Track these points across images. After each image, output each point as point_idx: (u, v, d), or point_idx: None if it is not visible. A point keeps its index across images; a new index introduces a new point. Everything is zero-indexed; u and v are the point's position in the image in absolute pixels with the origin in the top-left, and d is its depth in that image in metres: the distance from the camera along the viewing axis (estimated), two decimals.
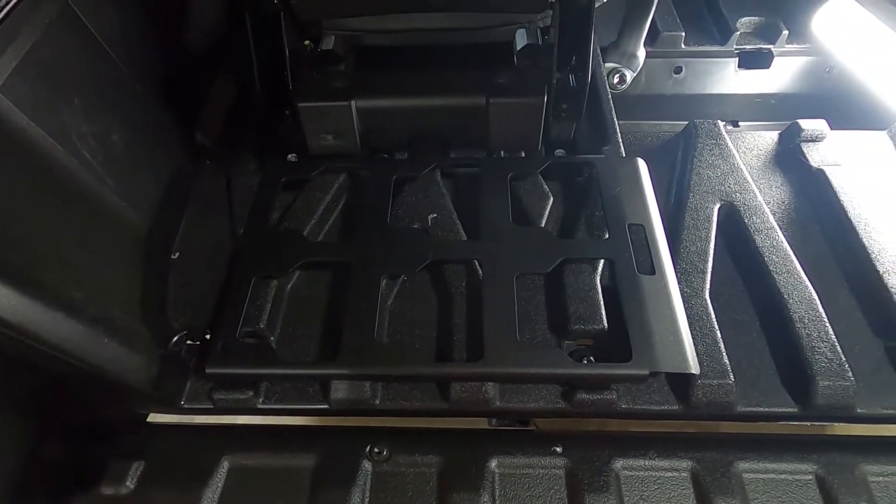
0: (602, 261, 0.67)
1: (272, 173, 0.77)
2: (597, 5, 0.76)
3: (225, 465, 0.59)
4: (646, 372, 0.57)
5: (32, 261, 0.49)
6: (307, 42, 0.83)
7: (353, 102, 0.73)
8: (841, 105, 0.96)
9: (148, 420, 0.68)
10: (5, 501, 0.55)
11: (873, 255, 0.67)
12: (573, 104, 0.77)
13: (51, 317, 0.47)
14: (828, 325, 0.62)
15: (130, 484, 0.58)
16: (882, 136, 0.83)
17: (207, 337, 0.65)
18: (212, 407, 0.62)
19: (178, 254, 0.73)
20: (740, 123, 1.02)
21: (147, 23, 0.74)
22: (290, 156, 0.81)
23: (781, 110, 1.00)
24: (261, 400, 0.62)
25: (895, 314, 0.63)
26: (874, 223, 0.70)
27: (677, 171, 0.79)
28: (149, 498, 0.57)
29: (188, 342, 0.65)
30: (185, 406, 0.63)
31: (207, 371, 0.60)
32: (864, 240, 0.68)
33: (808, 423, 0.63)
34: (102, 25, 0.64)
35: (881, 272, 0.66)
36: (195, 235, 0.75)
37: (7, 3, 0.52)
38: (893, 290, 0.64)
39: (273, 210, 0.74)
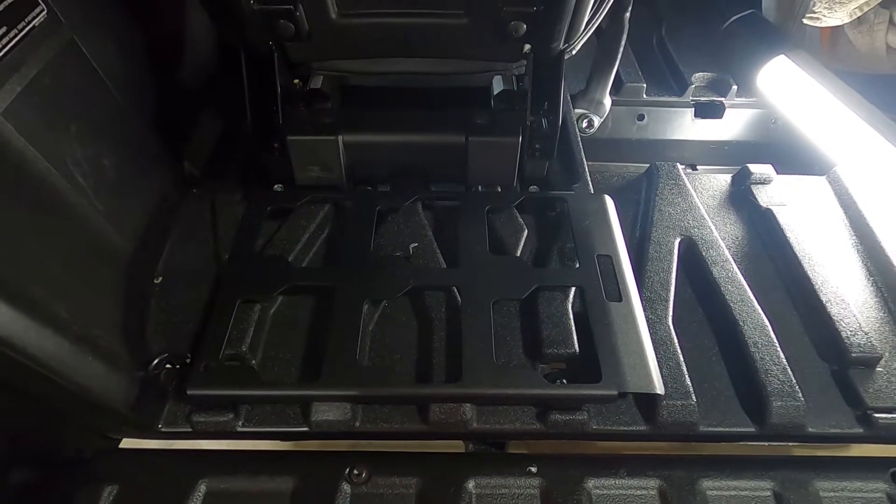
0: (573, 289, 0.71)
1: (258, 202, 0.80)
2: (567, 57, 0.84)
3: (202, 489, 0.58)
4: (614, 392, 0.60)
5: (23, 276, 0.50)
6: (296, 81, 0.88)
7: (339, 137, 0.77)
8: (786, 153, 1.06)
9: (121, 446, 0.67)
10: None
11: (817, 287, 0.73)
12: (546, 144, 0.83)
13: (39, 332, 0.48)
14: (779, 349, 0.67)
15: None
16: (822, 180, 0.92)
17: (188, 361, 0.66)
18: (190, 430, 0.62)
19: (160, 278, 0.74)
20: (698, 167, 1.10)
21: (145, 59, 0.77)
22: (276, 186, 0.84)
23: (734, 156, 1.09)
24: (241, 423, 0.62)
25: (838, 340, 0.68)
26: (817, 257, 0.77)
27: (641, 207, 0.86)
28: None
29: (168, 366, 0.66)
30: (163, 430, 0.62)
31: (189, 392, 0.60)
32: (809, 272, 0.75)
33: (766, 444, 0.67)
34: (103, 60, 0.67)
35: (824, 301, 0.72)
36: (178, 261, 0.77)
37: (15, 36, 0.55)
38: (836, 318, 0.70)
39: (258, 237, 0.76)
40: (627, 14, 1.01)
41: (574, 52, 0.87)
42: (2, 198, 0.51)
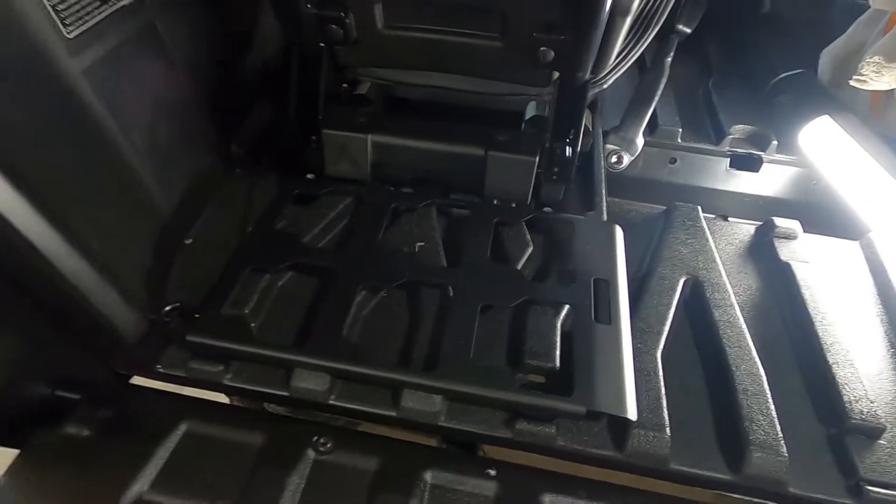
0: (566, 307, 0.72)
1: (288, 185, 0.87)
2: (605, 86, 0.87)
3: (182, 429, 0.63)
4: (583, 409, 0.60)
5: (68, 206, 0.58)
6: (345, 84, 0.96)
7: (368, 136, 0.84)
8: (823, 215, 1.01)
9: (128, 382, 0.73)
10: None
11: (825, 347, 0.70)
12: (564, 170, 0.86)
13: (68, 251, 0.55)
14: (770, 401, 0.64)
15: (92, 428, 0.62)
16: (853, 244, 0.88)
17: (196, 316, 0.72)
18: (184, 375, 0.67)
19: (191, 240, 0.82)
20: (730, 218, 1.08)
21: (214, 49, 0.87)
22: (308, 175, 0.91)
23: (768, 211, 1.05)
24: (229, 377, 0.67)
25: (839, 403, 0.65)
26: (831, 318, 0.73)
27: (653, 243, 0.85)
28: (106, 444, 0.61)
29: (178, 315, 0.72)
30: (161, 370, 0.68)
31: (188, 338, 0.65)
32: (820, 331, 0.72)
33: (743, 499, 0.64)
34: (176, 44, 0.77)
35: (831, 363, 0.68)
36: (210, 228, 0.84)
37: (105, 10, 0.65)
38: (840, 380, 0.66)
39: (281, 216, 0.83)
40: (668, 59, 1.04)
41: (605, 87, 0.90)
42: (67, 138, 0.60)
